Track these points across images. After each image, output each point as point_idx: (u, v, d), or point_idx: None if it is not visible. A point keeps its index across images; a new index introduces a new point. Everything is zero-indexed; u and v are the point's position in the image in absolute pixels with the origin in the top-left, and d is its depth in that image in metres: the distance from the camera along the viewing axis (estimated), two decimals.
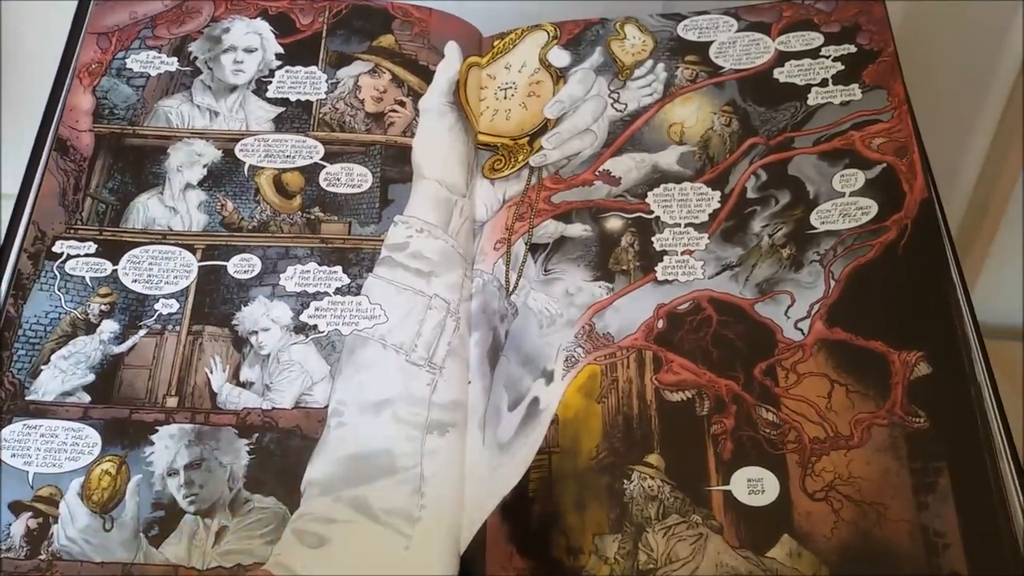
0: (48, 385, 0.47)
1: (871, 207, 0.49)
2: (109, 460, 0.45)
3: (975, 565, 0.40)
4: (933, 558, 0.40)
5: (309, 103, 0.55)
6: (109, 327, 0.48)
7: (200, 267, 0.50)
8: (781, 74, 0.54)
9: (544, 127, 0.55)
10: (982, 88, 0.72)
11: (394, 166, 0.54)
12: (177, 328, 0.49)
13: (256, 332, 0.49)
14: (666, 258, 0.50)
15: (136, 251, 0.50)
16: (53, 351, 0.48)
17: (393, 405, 0.46)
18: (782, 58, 0.55)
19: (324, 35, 0.58)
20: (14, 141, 0.73)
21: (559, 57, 0.57)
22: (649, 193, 0.52)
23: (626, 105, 0.55)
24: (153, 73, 0.56)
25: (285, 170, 0.53)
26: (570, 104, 0.55)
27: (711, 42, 0.56)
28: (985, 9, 0.68)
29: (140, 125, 0.54)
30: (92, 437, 0.45)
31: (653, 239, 0.50)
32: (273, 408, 0.47)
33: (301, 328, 0.49)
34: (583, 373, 0.47)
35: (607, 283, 0.49)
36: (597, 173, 0.53)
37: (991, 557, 0.40)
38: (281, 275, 0.50)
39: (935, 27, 0.69)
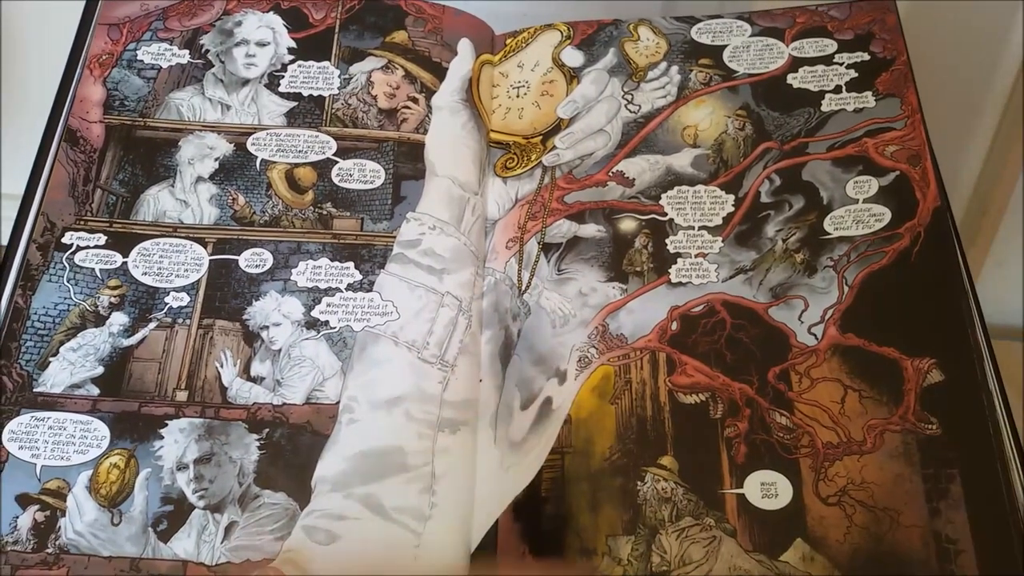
0: (56, 377, 0.46)
1: (884, 214, 0.49)
2: (118, 454, 0.44)
3: (987, 570, 0.40)
4: (945, 564, 0.40)
5: (322, 98, 0.55)
6: (119, 319, 0.48)
7: (211, 261, 0.50)
8: (795, 79, 0.55)
9: (557, 127, 0.55)
10: (982, 88, 0.72)
11: (407, 163, 0.53)
12: (187, 321, 0.48)
13: (267, 327, 0.48)
14: (680, 260, 0.50)
15: (146, 243, 0.50)
16: (62, 343, 0.47)
17: (405, 402, 0.46)
18: (796, 63, 0.55)
19: (337, 30, 0.58)
20: (14, 141, 0.73)
21: (572, 57, 0.57)
22: (663, 195, 0.52)
23: (640, 107, 0.55)
24: (164, 65, 0.56)
25: (297, 165, 0.53)
26: (583, 104, 0.55)
27: (725, 46, 0.56)
28: (985, 9, 0.69)
29: (151, 117, 0.54)
30: (101, 430, 0.45)
31: (667, 241, 0.50)
32: (284, 403, 0.46)
33: (313, 324, 0.48)
34: (596, 374, 0.47)
35: (621, 284, 0.49)
36: (611, 174, 0.53)
37: (1003, 563, 0.40)
38: (293, 270, 0.50)
39: (935, 27, 0.69)
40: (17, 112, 0.74)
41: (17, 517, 0.43)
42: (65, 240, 0.50)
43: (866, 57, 0.55)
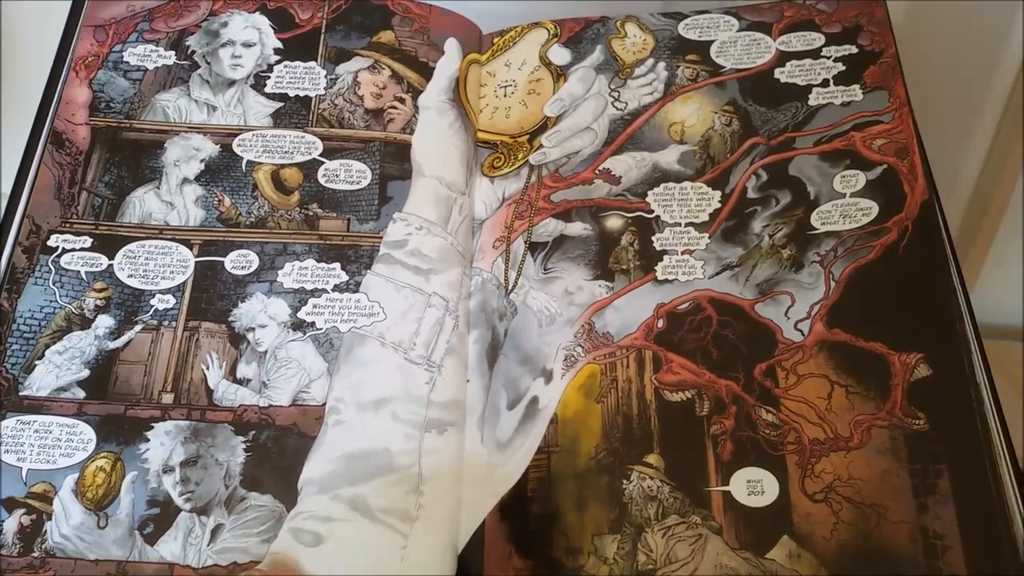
0: (42, 380, 0.46)
1: (872, 208, 0.49)
2: (104, 457, 0.44)
3: (975, 567, 0.40)
4: (933, 560, 0.40)
5: (308, 99, 0.55)
6: (104, 322, 0.48)
7: (197, 262, 0.50)
8: (782, 74, 0.54)
9: (544, 125, 0.55)
10: (982, 88, 0.72)
11: (393, 163, 0.53)
12: (173, 324, 0.48)
13: (253, 328, 0.48)
14: (666, 257, 0.49)
15: (132, 246, 0.50)
16: (47, 346, 0.47)
17: (391, 403, 0.46)
18: (783, 58, 0.55)
19: (323, 30, 0.57)
20: (12, 140, 0.72)
21: (559, 55, 0.57)
22: (649, 192, 0.52)
23: (626, 104, 0.55)
24: (150, 67, 0.55)
25: (283, 166, 0.53)
26: (570, 102, 0.55)
27: (712, 41, 0.56)
28: (985, 9, 0.68)
29: (137, 119, 0.54)
30: (87, 433, 0.45)
31: (653, 238, 0.50)
32: (270, 405, 0.46)
33: (299, 325, 0.48)
34: (582, 372, 0.47)
35: (607, 282, 0.49)
36: (597, 172, 0.53)
37: (991, 559, 0.40)
38: (279, 271, 0.50)
39: (935, 27, 0.69)
40: (17, 112, 0.74)
41: (3, 521, 0.43)
42: (51, 243, 0.50)
43: (854, 50, 0.55)
